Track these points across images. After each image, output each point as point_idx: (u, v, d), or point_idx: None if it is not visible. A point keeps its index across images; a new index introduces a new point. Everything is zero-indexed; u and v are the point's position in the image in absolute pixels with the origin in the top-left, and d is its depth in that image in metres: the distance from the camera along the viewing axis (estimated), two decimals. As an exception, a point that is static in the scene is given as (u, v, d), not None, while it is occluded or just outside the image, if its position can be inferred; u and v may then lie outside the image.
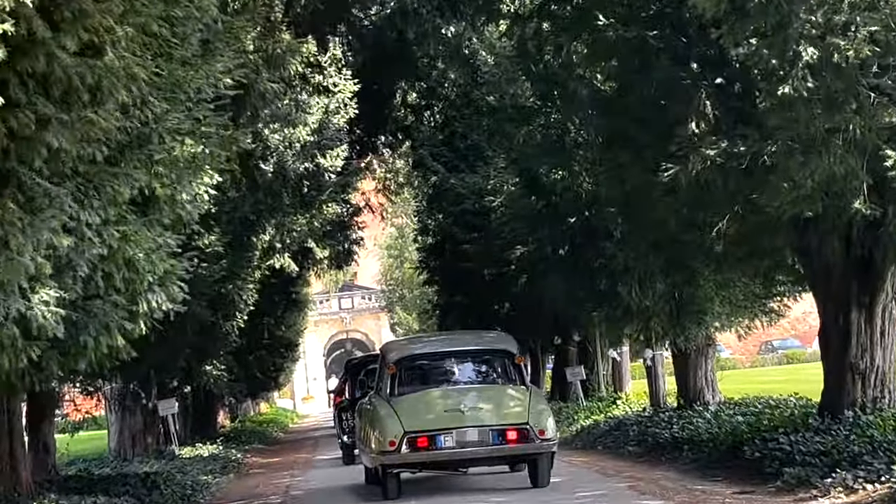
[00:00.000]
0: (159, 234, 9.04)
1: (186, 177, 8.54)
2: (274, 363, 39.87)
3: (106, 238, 7.96)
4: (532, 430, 15.24)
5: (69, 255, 7.49)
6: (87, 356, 8.90)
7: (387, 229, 72.25)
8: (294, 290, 41.81)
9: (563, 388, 35.48)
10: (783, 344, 78.82)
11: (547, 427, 15.44)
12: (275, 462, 29.92)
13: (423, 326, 67.97)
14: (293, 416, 75.14)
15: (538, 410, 15.63)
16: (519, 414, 15.40)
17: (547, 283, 24.28)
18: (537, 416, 15.45)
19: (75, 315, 8.50)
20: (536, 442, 15.28)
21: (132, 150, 8.18)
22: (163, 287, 9.36)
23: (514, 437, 15.21)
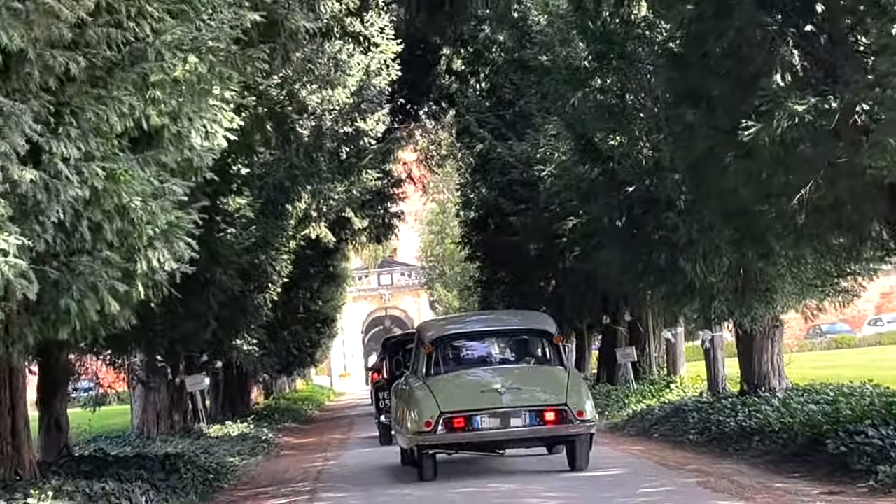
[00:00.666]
0: (160, 177, 7.43)
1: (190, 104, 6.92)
2: (310, 339, 38.36)
3: (87, 176, 6.38)
4: (570, 410, 14.91)
5: (35, 195, 5.91)
6: (71, 323, 7.32)
7: (428, 204, 70.72)
8: (331, 263, 40.32)
9: (610, 370, 33.84)
10: (832, 328, 76.70)
11: (585, 408, 15.09)
12: (308, 442, 28.42)
13: (463, 304, 66.45)
14: (330, 393, 73.80)
15: (576, 391, 15.32)
16: (557, 394, 15.12)
17: (600, 258, 22.60)
18: (576, 397, 15.13)
19: (54, 272, 6.91)
20: (575, 423, 14.92)
21: (123, 69, 6.59)
22: (166, 243, 7.75)
23: (552, 418, 14.90)
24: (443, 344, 16.49)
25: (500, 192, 30.88)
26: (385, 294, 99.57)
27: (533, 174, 27.10)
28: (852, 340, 66.62)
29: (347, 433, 31.22)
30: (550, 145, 26.32)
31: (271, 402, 45.69)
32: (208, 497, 16.11)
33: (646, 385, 29.05)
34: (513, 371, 16.02)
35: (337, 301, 58.59)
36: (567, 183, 23.86)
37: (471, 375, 15.99)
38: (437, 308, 78.49)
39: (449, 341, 16.77)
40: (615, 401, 28.04)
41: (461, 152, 41.62)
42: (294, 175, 23.91)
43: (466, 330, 17.69)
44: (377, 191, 31.85)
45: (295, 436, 31.13)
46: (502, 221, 34.55)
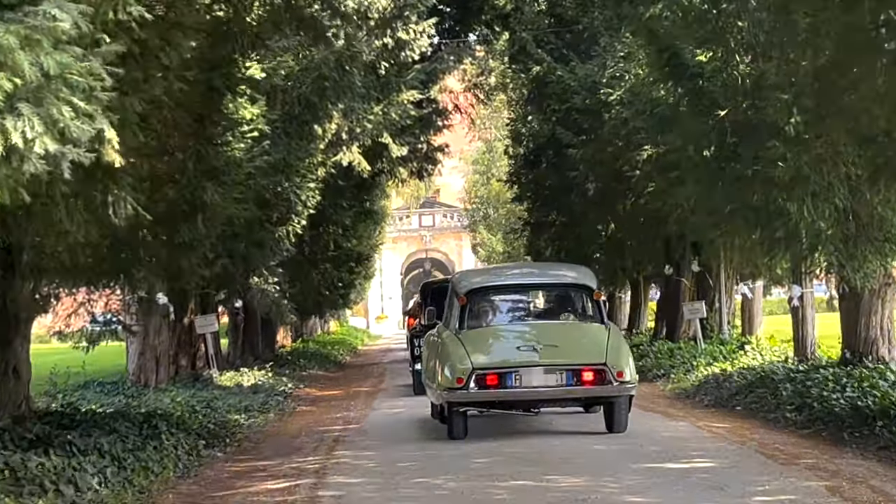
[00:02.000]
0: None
1: None
2: (341, 279, 34.99)
3: None
4: (610, 370, 14.35)
5: None
6: None
7: (474, 142, 67.25)
8: (367, 197, 36.95)
9: (671, 326, 30.42)
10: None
11: (626, 368, 14.52)
12: (332, 395, 25.20)
13: (507, 248, 63.14)
14: (364, 336, 70.57)
15: (616, 350, 14.69)
16: (596, 353, 14.51)
17: (678, 196, 19.16)
18: (616, 356, 14.54)
19: None
20: (614, 384, 14.36)
21: None
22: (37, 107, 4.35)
23: (591, 378, 14.34)
24: (478, 296, 15.74)
25: (558, 121, 27.36)
26: (426, 236, 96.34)
27: (598, 100, 23.64)
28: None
29: (377, 385, 27.99)
30: (620, 67, 22.81)
31: (299, 346, 42.43)
32: (191, 473, 12.83)
33: (715, 345, 25.63)
34: (550, 327, 15.50)
35: (374, 240, 55.31)
36: (640, 108, 20.37)
37: (506, 330, 15.54)
38: (479, 252, 74.88)
39: (484, 293, 16.01)
40: (681, 362, 24.66)
41: (514, 81, 38.16)
42: (323, 88, 20.52)
43: (503, 282, 16.81)
44: (419, 117, 28.35)
45: (319, 386, 27.90)
46: (558, 156, 31.15)
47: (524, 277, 17.47)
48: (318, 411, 20.96)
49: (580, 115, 25.51)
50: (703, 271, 27.48)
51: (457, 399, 14.43)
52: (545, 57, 26.45)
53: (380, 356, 46.39)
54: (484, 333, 15.31)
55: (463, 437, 14.61)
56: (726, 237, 18.68)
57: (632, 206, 28.16)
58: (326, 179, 25.91)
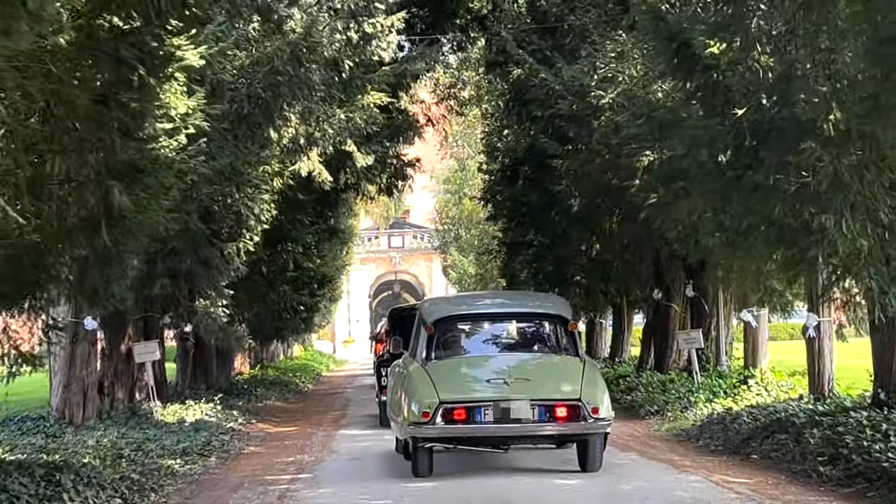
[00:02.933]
0: None
1: None
2: (302, 301, 32.30)
3: None
4: (584, 406, 13.71)
5: None
6: None
7: (445, 159, 64.80)
8: (332, 214, 34.38)
9: (661, 356, 27.95)
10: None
11: (601, 404, 13.86)
12: (287, 432, 22.57)
13: (480, 271, 60.58)
14: (330, 361, 67.72)
15: (592, 385, 14.04)
16: (570, 388, 13.90)
17: (684, 209, 16.68)
18: (591, 391, 13.90)
19: None
20: (589, 421, 13.70)
21: None
22: None
23: (564, 414, 13.71)
24: (446, 325, 15.12)
25: (540, 130, 24.86)
26: (395, 257, 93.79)
27: (587, 105, 21.13)
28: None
29: (338, 420, 25.35)
30: (612, 68, 20.32)
31: (258, 373, 39.71)
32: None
33: (713, 378, 23.14)
34: (522, 359, 14.87)
35: (340, 261, 52.74)
36: (637, 112, 17.90)
37: (475, 362, 14.84)
38: (451, 274, 72.14)
39: (453, 323, 15.37)
40: (676, 397, 22.16)
41: (489, 92, 35.77)
42: (277, 84, 18.10)
43: (472, 311, 16.20)
44: (388, 124, 25.84)
45: (274, 421, 25.24)
46: (538, 170, 28.73)
47: (495, 306, 16.79)
48: (269, 454, 18.33)
49: (566, 123, 23.01)
50: (699, 296, 25.00)
51: (422, 434, 13.76)
52: (527, 58, 23.92)
53: (345, 384, 43.74)
54: (452, 365, 14.60)
55: (428, 474, 13.97)
56: (740, 258, 16.17)
57: (619, 224, 25.77)
58: (284, 192, 23.39)
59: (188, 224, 18.10)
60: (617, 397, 25.12)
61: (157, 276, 18.91)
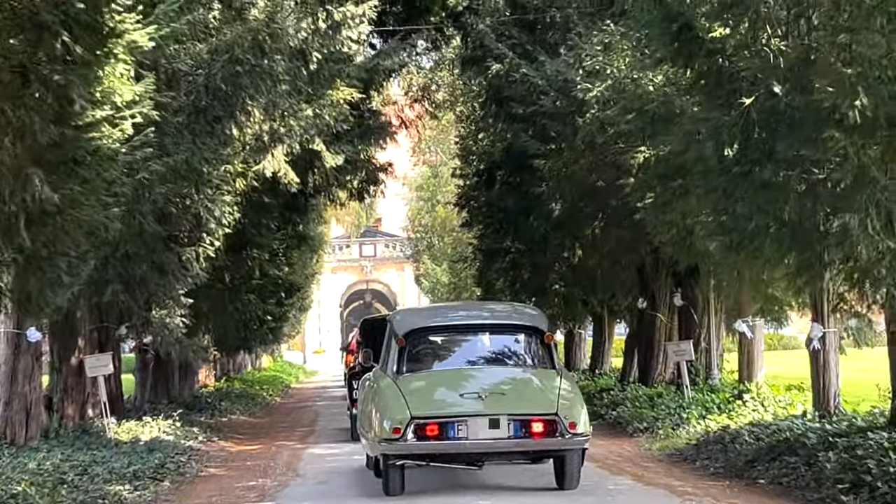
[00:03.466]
0: None
1: None
2: (268, 311, 30.68)
3: None
4: (561, 422, 13.24)
5: None
6: None
7: (418, 166, 63.44)
8: (300, 220, 32.85)
9: (645, 368, 26.61)
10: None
11: (579, 419, 13.40)
12: (250, 451, 21.09)
13: (454, 279, 59.12)
14: (299, 372, 66.08)
15: (569, 399, 13.60)
16: (547, 402, 13.44)
17: (678, 210, 15.34)
18: (568, 406, 13.44)
19: None
20: (566, 436, 13.25)
21: None
22: None
23: (541, 429, 13.24)
24: (418, 338, 14.62)
25: (520, 129, 23.44)
26: (367, 266, 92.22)
27: (572, 100, 19.81)
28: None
29: (306, 437, 23.86)
30: (599, 60, 18.94)
31: (223, 386, 38.12)
32: None
33: (704, 393, 21.78)
34: (497, 373, 14.28)
35: (310, 269, 51.19)
36: (628, 106, 16.57)
37: (448, 376, 14.29)
38: (423, 283, 70.62)
39: (425, 335, 14.87)
40: (666, 413, 20.76)
41: (465, 93, 34.38)
42: (237, 74, 16.64)
43: (445, 323, 15.60)
44: (359, 123, 24.40)
45: (237, 438, 23.72)
46: (517, 173, 27.42)
47: (469, 318, 15.98)
48: (228, 477, 16.84)
49: (548, 121, 21.64)
50: (687, 305, 23.63)
51: (393, 451, 13.23)
52: (507, 52, 22.51)
53: (314, 396, 42.21)
54: (424, 379, 14.12)
55: (400, 492, 13.48)
56: (744, 263, 14.79)
57: (602, 229, 24.39)
58: (248, 194, 21.86)
59: (142, 226, 16.67)
60: (601, 412, 23.75)
61: (107, 283, 17.40)
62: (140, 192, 15.87)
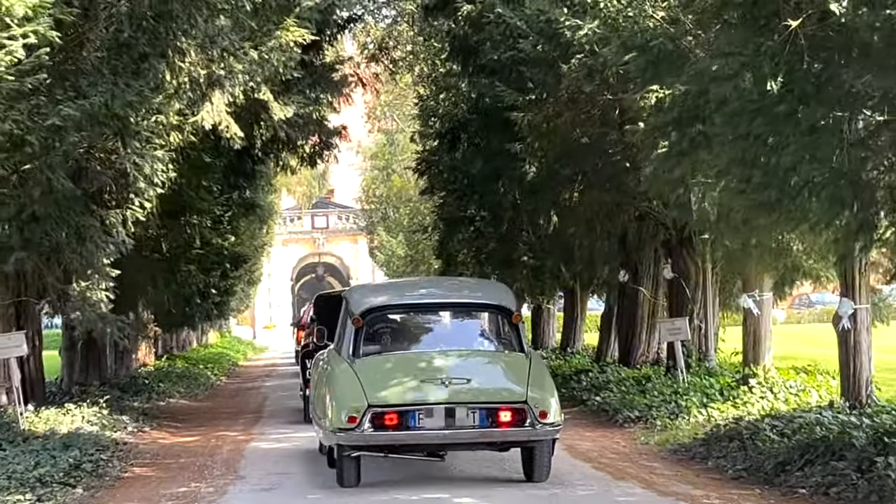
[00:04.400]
0: None
1: None
2: (210, 283, 27.78)
3: None
4: (531, 410, 12.33)
5: None
6: None
7: (373, 133, 60.80)
8: (247, 185, 30.13)
9: (626, 348, 24.21)
10: (820, 298, 67.35)
11: (550, 407, 12.43)
12: (186, 443, 18.47)
13: (411, 252, 56.51)
14: (248, 348, 63.20)
15: (539, 385, 12.62)
16: (515, 390, 12.53)
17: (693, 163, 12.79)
18: (539, 393, 12.50)
19: None
20: (536, 427, 12.32)
21: None
22: None
23: (509, 418, 12.34)
24: (375, 317, 13.70)
25: (494, 79, 20.84)
26: (319, 238, 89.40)
27: (555, 44, 17.28)
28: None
29: (251, 426, 21.25)
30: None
31: (164, 365, 35.29)
32: None
33: (700, 377, 19.34)
34: (461, 357, 13.41)
35: (259, 240, 48.44)
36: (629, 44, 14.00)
37: (409, 360, 13.35)
38: (378, 256, 67.76)
39: (383, 314, 13.97)
40: (661, 400, 18.30)
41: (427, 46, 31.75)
42: (166, 2, 13.98)
43: (406, 301, 14.60)
44: (311, 72, 21.75)
45: (173, 427, 21.06)
46: (485, 132, 24.94)
47: (431, 296, 14.92)
48: (155, 480, 14.21)
49: (527, 68, 19.08)
50: (679, 279, 21.15)
51: (349, 442, 12.38)
52: (478, -9, 19.93)
53: (263, 375, 39.49)
54: (382, 363, 13.14)
55: (355, 484, 12.61)
56: (780, 225, 12.26)
57: (582, 193, 21.93)
58: (185, 150, 19.23)
59: (51, 183, 14.04)
60: (582, 397, 21.37)
61: (10, 249, 14.73)
62: (49, 141, 13.27)
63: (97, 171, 15.60)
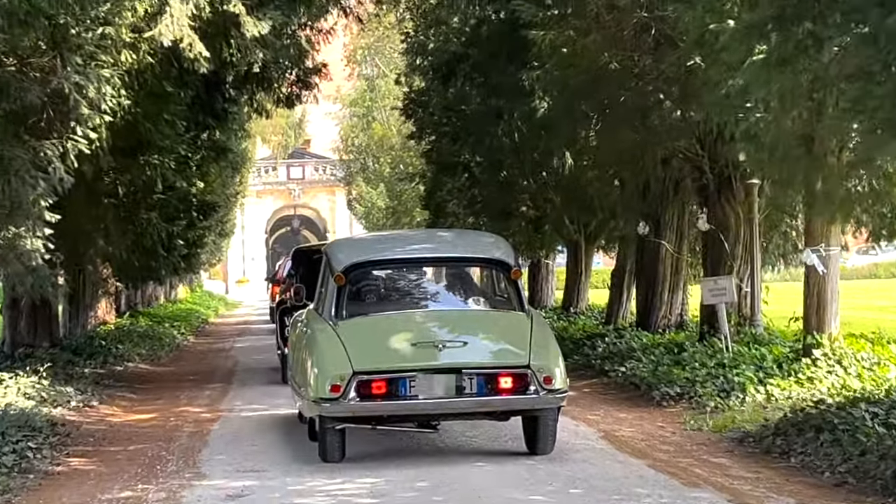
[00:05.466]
0: None
1: None
2: (173, 232, 24.54)
3: None
4: (535, 375, 11.22)
5: None
6: None
7: (352, 78, 57.75)
8: (216, 124, 27.00)
9: (646, 309, 21.41)
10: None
11: (555, 372, 11.33)
12: (139, 423, 15.52)
13: (393, 203, 53.51)
14: (220, 304, 59.99)
15: (544, 347, 11.55)
16: (517, 352, 11.47)
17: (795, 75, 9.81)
18: (543, 356, 11.41)
19: None
20: (541, 394, 11.22)
21: None
22: None
23: (510, 385, 11.24)
24: (360, 274, 12.44)
25: None
26: (295, 190, 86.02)
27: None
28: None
29: (220, 397, 18.34)
30: None
31: (126, 323, 32.16)
32: None
33: (749, 346, 16.45)
34: (456, 317, 12.41)
35: (231, 189, 45.30)
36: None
37: (398, 321, 12.08)
38: (356, 208, 64.48)
39: (368, 270, 12.75)
40: (706, 375, 15.39)
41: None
42: None
43: (393, 256, 13.19)
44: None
45: (126, 401, 18.04)
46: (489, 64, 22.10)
47: (421, 250, 13.72)
48: (95, 477, 11.26)
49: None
50: (716, 231, 18.23)
51: (332, 413, 11.24)
52: None
53: (235, 334, 36.48)
54: (368, 325, 12.07)
55: (339, 459, 11.51)
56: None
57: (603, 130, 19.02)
58: (142, 76, 16.19)
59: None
60: (603, 368, 18.53)
61: None
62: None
63: (23, 88, 12.56)
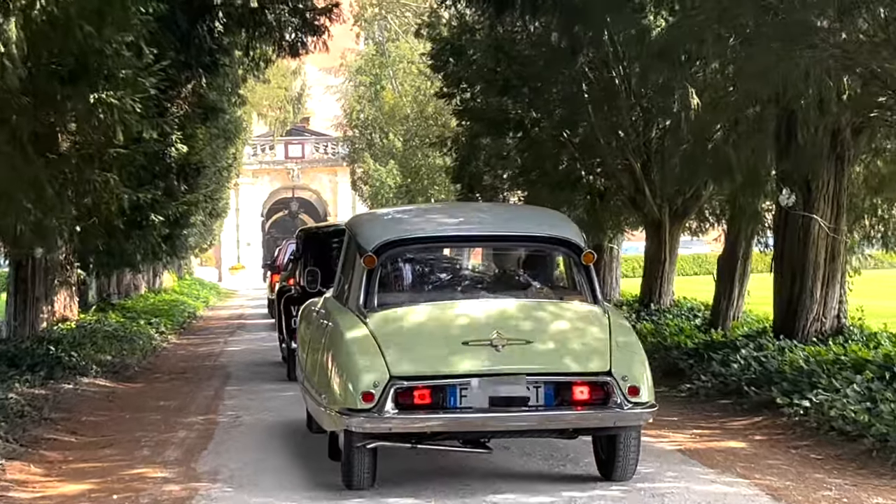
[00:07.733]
0: None
1: None
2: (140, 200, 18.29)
3: None
4: (618, 384, 9.09)
5: None
6: None
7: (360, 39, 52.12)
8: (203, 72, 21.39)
9: (792, 311, 15.66)
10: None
11: (642, 381, 9.19)
12: (63, 502, 9.63)
13: (406, 181, 47.64)
14: (210, 293, 53.74)
15: (628, 350, 9.37)
16: (594, 354, 9.27)
17: None
18: (626, 361, 9.25)
19: None
20: (625, 408, 9.09)
21: None
22: None
23: (586, 395, 9.15)
24: (395, 254, 10.19)
25: None
26: (293, 170, 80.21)
27: None
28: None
29: (201, 445, 12.45)
30: None
31: (91, 319, 26.03)
32: None
33: None
34: (515, 309, 9.79)
35: (222, 161, 39.37)
36: None
37: (443, 314, 9.70)
38: (362, 188, 58.27)
39: (405, 250, 10.32)
40: None
41: None
42: None
43: (437, 233, 10.62)
44: None
45: (61, 446, 12.00)
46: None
47: (473, 227, 10.80)
48: None
49: None
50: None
51: (364, 428, 8.88)
52: None
53: (226, 333, 30.49)
54: (407, 318, 9.57)
55: (369, 486, 9.22)
56: None
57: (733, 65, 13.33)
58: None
59: None
60: (772, 400, 12.78)
61: None
62: None
63: None
